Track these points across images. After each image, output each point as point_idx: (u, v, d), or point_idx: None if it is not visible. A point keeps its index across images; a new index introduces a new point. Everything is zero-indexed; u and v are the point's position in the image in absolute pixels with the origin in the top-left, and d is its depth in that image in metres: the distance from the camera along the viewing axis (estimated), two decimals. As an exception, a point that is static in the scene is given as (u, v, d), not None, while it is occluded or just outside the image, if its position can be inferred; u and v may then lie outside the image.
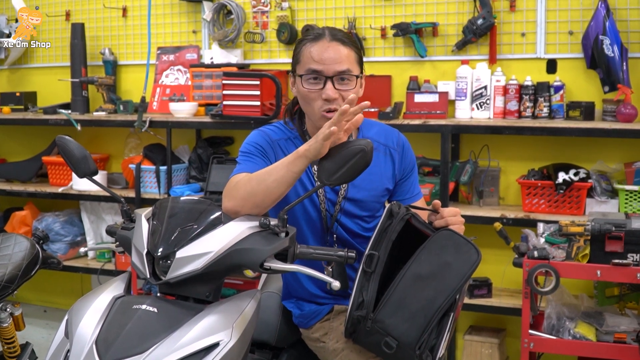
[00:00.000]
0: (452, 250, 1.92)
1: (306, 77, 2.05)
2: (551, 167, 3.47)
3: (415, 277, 1.90)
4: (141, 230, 1.81)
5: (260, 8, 4.11)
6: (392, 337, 1.89)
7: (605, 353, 2.89)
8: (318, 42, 2.05)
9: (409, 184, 2.26)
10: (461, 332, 3.75)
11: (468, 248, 1.93)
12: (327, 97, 2.02)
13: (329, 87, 2.02)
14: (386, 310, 1.90)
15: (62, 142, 2.02)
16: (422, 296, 1.88)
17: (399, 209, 1.99)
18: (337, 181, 1.74)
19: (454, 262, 1.90)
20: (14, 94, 4.60)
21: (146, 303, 1.71)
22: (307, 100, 2.07)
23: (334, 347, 2.13)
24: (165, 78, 4.35)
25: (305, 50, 2.06)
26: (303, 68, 2.06)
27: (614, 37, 3.32)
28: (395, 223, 1.97)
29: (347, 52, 2.06)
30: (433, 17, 3.78)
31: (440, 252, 1.92)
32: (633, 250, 2.82)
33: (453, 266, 1.90)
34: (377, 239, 1.96)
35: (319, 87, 2.04)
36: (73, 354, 1.66)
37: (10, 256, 2.73)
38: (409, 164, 2.25)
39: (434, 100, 3.64)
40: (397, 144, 2.24)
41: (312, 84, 2.04)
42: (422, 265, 1.91)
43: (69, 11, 4.61)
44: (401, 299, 1.89)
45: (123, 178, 4.34)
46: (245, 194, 1.87)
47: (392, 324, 1.89)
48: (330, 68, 2.03)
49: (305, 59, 2.06)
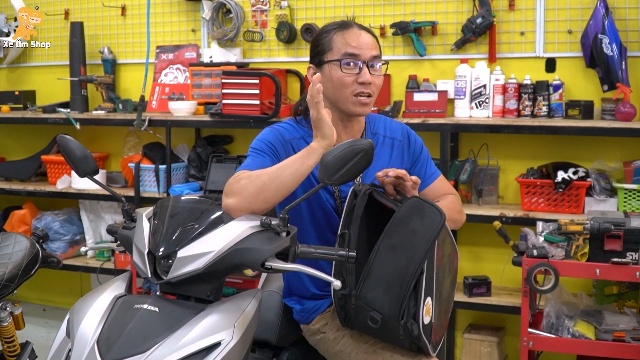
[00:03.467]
0: (418, 217, 1.93)
1: (344, 61, 2.08)
2: (550, 166, 3.47)
3: (388, 248, 1.93)
4: (142, 230, 1.81)
5: (260, 7, 4.11)
6: (376, 310, 1.92)
7: (604, 351, 2.90)
8: (349, 29, 2.11)
9: (422, 165, 2.29)
10: (460, 330, 3.76)
11: (431, 211, 1.94)
12: (365, 80, 2.08)
13: (365, 71, 2.08)
14: (367, 285, 1.93)
15: (62, 142, 2.02)
16: (395, 266, 1.91)
17: (360, 187, 2.04)
18: (338, 180, 1.74)
19: (420, 228, 1.92)
20: (13, 93, 4.60)
21: (147, 302, 1.71)
22: (341, 85, 2.09)
23: (335, 336, 2.15)
24: (165, 77, 4.35)
25: (337, 37, 2.11)
26: (338, 53, 2.09)
27: (613, 36, 3.33)
28: (359, 199, 2.00)
29: (375, 41, 2.14)
30: (432, 16, 3.78)
31: (408, 221, 1.94)
32: (632, 248, 2.83)
33: (419, 232, 1.91)
34: (346, 219, 2.00)
35: (355, 71, 2.08)
36: (74, 353, 1.67)
37: (10, 255, 2.73)
38: (417, 148, 2.29)
39: (433, 99, 3.64)
40: (403, 135, 2.29)
41: (348, 68, 2.09)
42: (393, 236, 1.93)
43: (68, 10, 4.61)
44: (378, 272, 1.93)
45: (122, 177, 4.34)
46: (255, 189, 1.88)
47: (373, 297, 1.92)
48: (366, 53, 2.08)
49: (340, 45, 2.09)
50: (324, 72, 2.11)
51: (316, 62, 2.15)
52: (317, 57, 2.14)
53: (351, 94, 2.09)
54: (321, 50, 2.13)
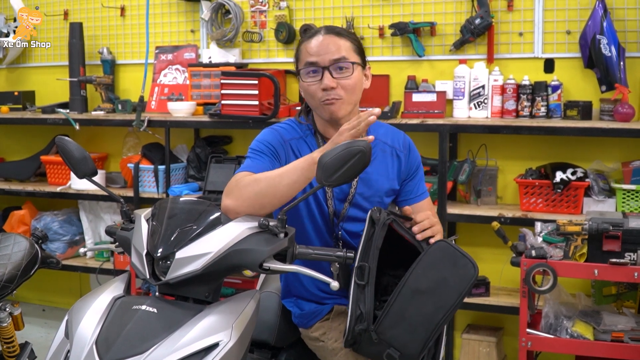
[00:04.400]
0: (449, 265, 1.93)
1: (305, 70, 2.11)
2: (549, 167, 3.47)
3: (414, 291, 1.91)
4: (141, 231, 1.82)
5: (259, 7, 4.11)
6: (395, 348, 1.91)
7: (602, 352, 2.90)
8: (313, 37, 2.12)
9: (414, 184, 2.28)
10: (459, 330, 3.76)
11: (464, 262, 1.94)
12: (325, 86, 2.08)
13: (326, 76, 2.08)
14: (387, 322, 1.92)
15: (61, 143, 2.02)
16: (421, 311, 1.90)
17: (379, 215, 2.01)
18: (336, 182, 1.74)
19: (451, 278, 1.92)
20: (12, 93, 4.60)
21: (146, 303, 1.72)
22: (309, 94, 2.12)
23: (333, 347, 2.15)
24: (164, 77, 4.36)
25: (302, 47, 2.14)
26: (301, 63, 2.12)
27: (612, 37, 3.33)
28: (378, 229, 1.99)
29: (343, 42, 2.11)
30: (431, 17, 3.79)
31: (438, 266, 1.93)
32: (630, 249, 2.83)
33: (450, 282, 1.91)
34: (364, 249, 1.98)
35: (318, 78, 2.09)
36: (73, 354, 1.67)
37: (10, 256, 2.74)
38: (414, 164, 2.29)
39: (431, 100, 3.65)
40: (404, 146, 2.28)
41: (311, 77, 2.10)
42: (420, 279, 1.92)
43: (67, 10, 4.61)
44: (401, 312, 1.91)
45: (121, 177, 4.34)
46: (253, 194, 1.88)
47: (394, 335, 1.91)
48: (325, 58, 2.09)
49: (303, 55, 2.13)
50: (300, 82, 2.16)
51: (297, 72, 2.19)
52: (296, 68, 2.18)
53: (319, 101, 2.10)
54: (296, 60, 2.18)
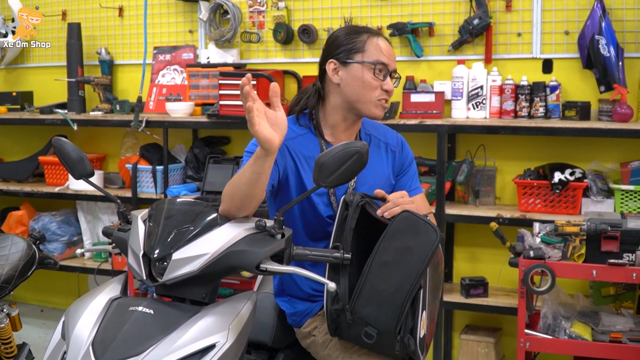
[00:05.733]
0: (411, 234, 1.93)
1: (377, 67, 2.15)
2: (547, 167, 3.47)
3: (381, 264, 1.92)
4: (137, 232, 1.81)
5: (257, 8, 4.11)
6: (371, 326, 1.92)
7: (601, 352, 2.90)
8: (380, 37, 2.20)
9: (408, 178, 2.32)
10: (457, 331, 3.76)
11: (426, 228, 1.93)
12: (389, 89, 2.18)
13: (389, 80, 2.18)
14: (360, 300, 1.92)
15: (58, 144, 2.02)
16: (389, 284, 1.90)
17: (352, 197, 2.03)
18: (333, 182, 1.74)
19: (414, 246, 1.91)
20: (10, 94, 4.60)
21: (142, 305, 1.71)
22: (369, 87, 2.15)
23: (324, 339, 2.16)
24: (162, 78, 4.35)
25: (370, 42, 2.17)
26: (371, 58, 2.15)
27: (610, 37, 3.33)
28: (351, 211, 2.01)
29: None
30: (429, 17, 3.78)
31: (401, 237, 1.93)
32: (628, 250, 2.83)
33: (414, 250, 1.91)
34: (338, 231, 2.00)
35: (381, 78, 2.16)
36: (70, 355, 1.66)
37: (7, 257, 2.73)
38: (407, 159, 2.33)
39: (430, 100, 3.65)
40: (397, 143, 2.33)
41: (379, 74, 2.15)
42: (386, 252, 1.92)
43: (65, 11, 4.61)
44: (372, 288, 1.92)
45: (120, 178, 4.34)
46: (229, 197, 1.88)
47: (368, 312, 1.92)
48: (392, 64, 2.19)
49: (373, 50, 2.16)
50: (349, 70, 2.16)
51: (342, 58, 2.17)
52: (345, 55, 2.17)
53: (376, 98, 2.16)
54: (352, 48, 2.17)
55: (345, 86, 2.16)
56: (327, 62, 2.19)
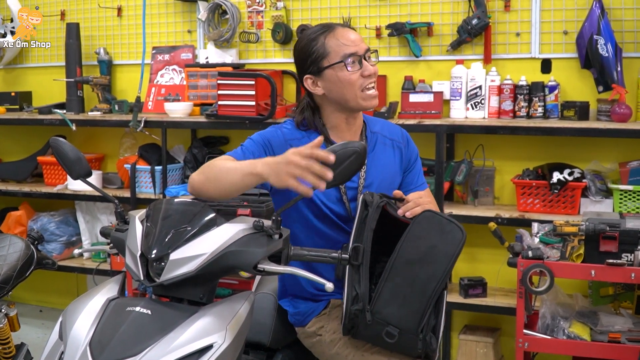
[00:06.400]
0: (436, 233, 1.94)
1: (347, 61, 2.10)
2: (546, 167, 3.47)
3: (404, 264, 1.92)
4: (135, 232, 1.81)
5: (256, 8, 4.11)
6: (393, 325, 1.92)
7: (599, 353, 2.90)
8: (335, 30, 2.13)
9: (414, 174, 2.31)
10: (456, 331, 3.76)
11: (451, 227, 1.95)
12: (371, 72, 2.13)
13: (366, 64, 2.12)
14: (381, 300, 1.93)
15: (55, 144, 2.02)
16: (414, 282, 1.91)
17: (372, 198, 2.03)
18: (331, 183, 1.74)
19: (440, 245, 1.93)
20: (9, 94, 4.60)
21: (140, 305, 1.71)
22: (350, 84, 2.12)
23: (331, 339, 2.15)
24: (161, 78, 4.35)
25: (329, 41, 2.12)
26: (336, 56, 2.11)
27: (609, 37, 3.32)
28: (372, 211, 2.00)
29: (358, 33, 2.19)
30: (428, 17, 3.78)
31: (426, 235, 1.94)
32: (627, 250, 2.83)
33: (440, 248, 1.92)
34: (358, 231, 2.00)
35: (357, 68, 2.11)
36: (67, 356, 1.66)
37: (5, 257, 2.73)
38: (412, 155, 2.32)
39: (428, 100, 3.64)
40: (402, 138, 2.32)
41: (352, 67, 2.11)
42: (410, 250, 1.93)
43: (64, 11, 4.61)
44: (394, 287, 1.92)
45: (118, 178, 4.34)
46: (204, 177, 1.93)
47: (390, 312, 1.92)
48: (361, 47, 2.13)
49: (335, 47, 2.11)
50: (325, 78, 2.13)
51: (314, 71, 2.14)
52: (314, 66, 2.14)
53: (359, 89, 2.13)
54: (316, 57, 2.13)
55: (330, 92, 2.14)
56: (304, 80, 2.18)
